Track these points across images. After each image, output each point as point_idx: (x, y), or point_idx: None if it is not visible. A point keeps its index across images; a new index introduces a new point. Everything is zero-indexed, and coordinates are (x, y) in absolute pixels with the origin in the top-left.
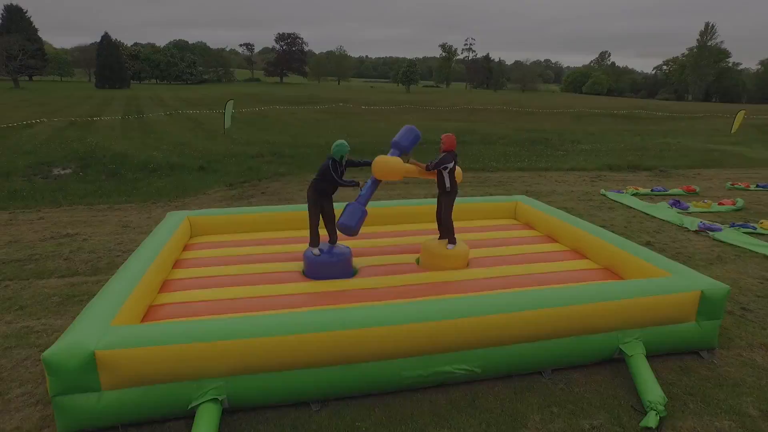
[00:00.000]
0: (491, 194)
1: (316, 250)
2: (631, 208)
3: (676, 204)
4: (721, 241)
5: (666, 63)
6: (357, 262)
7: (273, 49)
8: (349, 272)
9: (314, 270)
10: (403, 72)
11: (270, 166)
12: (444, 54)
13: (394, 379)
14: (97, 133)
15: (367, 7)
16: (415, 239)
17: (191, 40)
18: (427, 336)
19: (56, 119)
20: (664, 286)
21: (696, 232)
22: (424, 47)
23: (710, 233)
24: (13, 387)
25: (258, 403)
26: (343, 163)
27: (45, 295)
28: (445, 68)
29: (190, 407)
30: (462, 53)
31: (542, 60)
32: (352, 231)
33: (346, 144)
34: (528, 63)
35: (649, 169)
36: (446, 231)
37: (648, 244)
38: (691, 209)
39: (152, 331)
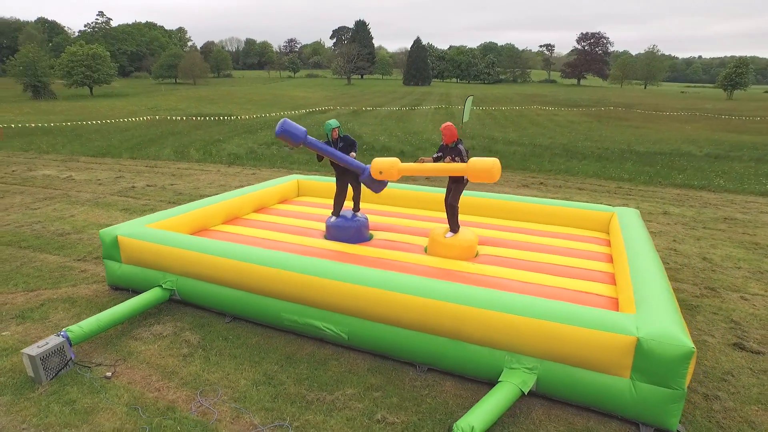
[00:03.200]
0: (674, 213)
1: (333, 218)
2: None
3: None
4: None
5: None
6: (376, 234)
7: (575, 49)
8: (362, 238)
9: (330, 233)
10: (725, 74)
11: None
12: None
13: (276, 317)
14: (361, 119)
15: None
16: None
17: (501, 42)
18: (299, 286)
19: (344, 107)
20: (577, 316)
21: None
22: None
23: None
24: None
25: (194, 302)
26: (332, 139)
27: None
28: None
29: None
30: None
31: None
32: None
33: (334, 122)
34: None
35: None
36: (451, 218)
37: None
38: None
39: (147, 233)
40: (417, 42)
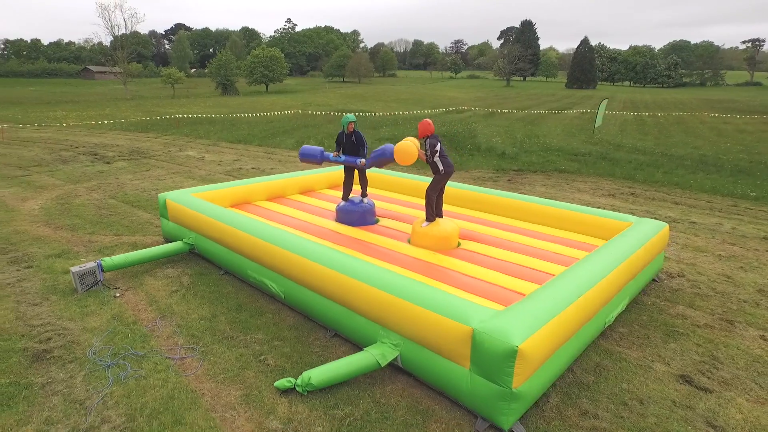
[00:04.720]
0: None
1: (342, 203)
2: None
3: None
4: None
5: None
6: (382, 221)
7: None
8: (367, 222)
9: (338, 216)
10: None
11: (565, 162)
12: None
13: (244, 273)
14: (490, 120)
15: None
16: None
17: (696, 39)
18: (251, 247)
19: (482, 109)
20: (429, 300)
21: None
22: None
23: None
24: None
25: (204, 255)
26: (347, 131)
27: None
28: None
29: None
30: None
31: None
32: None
33: (351, 116)
34: None
35: None
36: (426, 207)
37: None
38: None
39: (183, 198)
40: (584, 42)
